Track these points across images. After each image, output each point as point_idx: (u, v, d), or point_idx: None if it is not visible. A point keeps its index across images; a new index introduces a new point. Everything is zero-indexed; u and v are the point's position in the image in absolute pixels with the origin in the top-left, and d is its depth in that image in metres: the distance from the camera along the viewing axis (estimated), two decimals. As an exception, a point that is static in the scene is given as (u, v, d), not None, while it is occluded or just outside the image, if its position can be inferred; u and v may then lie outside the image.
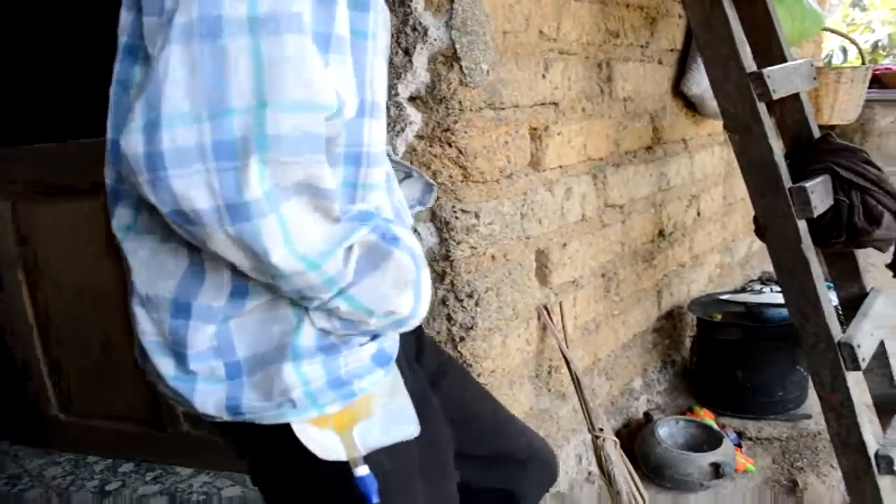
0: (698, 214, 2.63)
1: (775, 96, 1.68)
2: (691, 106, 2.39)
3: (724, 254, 2.97)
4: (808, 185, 1.69)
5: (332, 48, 0.69)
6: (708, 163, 2.65)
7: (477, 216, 1.55)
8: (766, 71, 1.67)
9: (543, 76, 1.69)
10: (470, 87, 1.48)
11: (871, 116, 3.19)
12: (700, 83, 2.25)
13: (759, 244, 3.11)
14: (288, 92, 0.62)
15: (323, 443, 0.77)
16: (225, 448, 0.91)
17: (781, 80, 1.73)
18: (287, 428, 0.76)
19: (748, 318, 2.32)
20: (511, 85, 1.59)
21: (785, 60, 1.88)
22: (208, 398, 0.76)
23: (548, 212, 1.76)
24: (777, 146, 1.71)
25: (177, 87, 0.61)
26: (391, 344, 0.82)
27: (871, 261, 2.59)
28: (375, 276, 0.73)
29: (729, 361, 2.32)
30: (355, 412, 0.78)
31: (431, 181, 1.07)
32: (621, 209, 2.10)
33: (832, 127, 3.20)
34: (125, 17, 0.73)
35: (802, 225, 1.73)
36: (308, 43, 0.64)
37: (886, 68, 3.39)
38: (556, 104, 1.75)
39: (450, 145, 1.50)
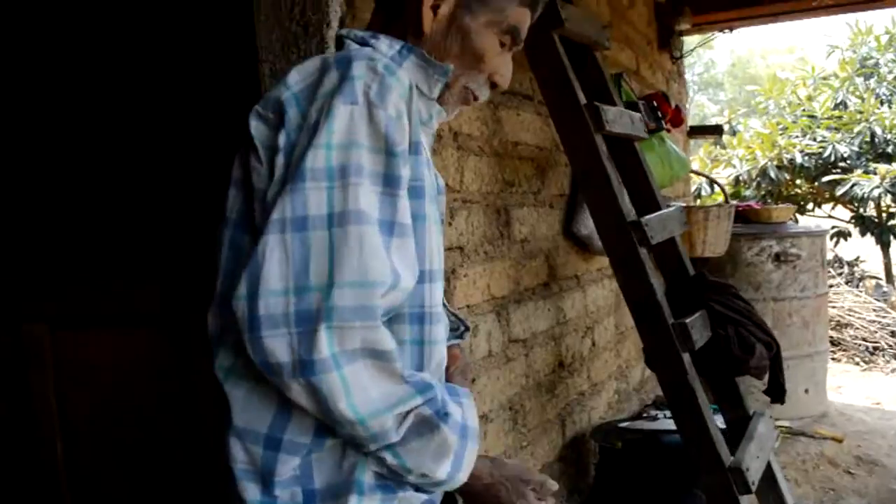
0: (594, 344, 2.86)
1: (653, 241, 1.96)
2: (581, 244, 2.67)
3: (620, 380, 3.20)
4: (688, 321, 1.94)
5: (395, 233, 0.87)
6: (599, 295, 2.92)
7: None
8: (644, 219, 1.95)
9: (450, 224, 1.89)
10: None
11: (739, 249, 3.63)
12: (588, 224, 2.54)
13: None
14: (348, 272, 0.81)
15: None
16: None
17: (658, 226, 2.01)
18: None
19: (646, 445, 2.50)
20: (420, 233, 1.76)
21: (659, 206, 2.19)
22: None
23: (457, 350, 1.90)
24: (658, 285, 1.96)
25: (272, 268, 0.81)
26: (437, 497, 0.96)
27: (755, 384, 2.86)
28: (420, 443, 0.87)
29: (631, 488, 2.47)
30: None
31: (469, 326, 1.26)
32: (524, 343, 2.28)
33: (705, 260, 3.62)
34: (233, 195, 0.94)
35: (686, 358, 1.96)
36: (368, 231, 0.83)
37: (748, 205, 3.91)
38: (461, 248, 1.94)
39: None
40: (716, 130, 4.17)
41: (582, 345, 2.75)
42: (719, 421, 2.47)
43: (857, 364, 6.00)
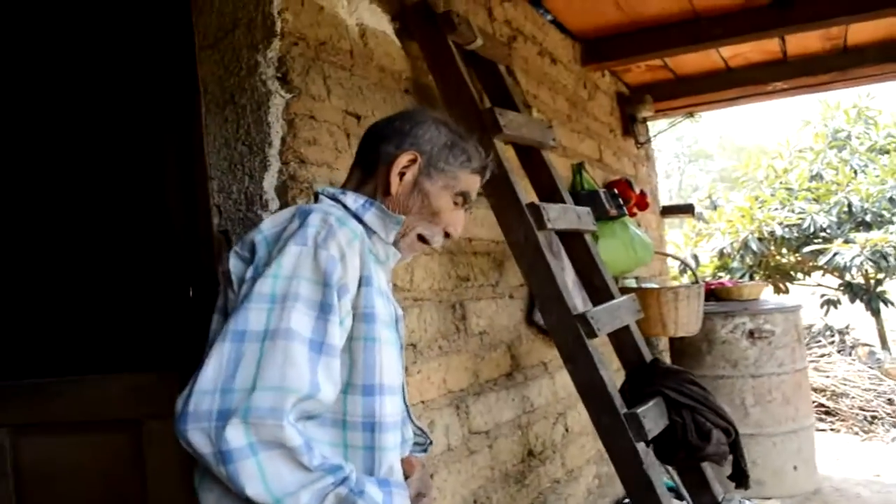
0: (567, 430, 2.85)
1: (600, 334, 1.99)
2: (545, 332, 2.70)
3: (600, 464, 3.15)
4: (640, 410, 1.95)
5: (323, 352, 1.01)
6: (570, 381, 2.92)
7: (340, 460, 1.67)
8: (590, 312, 1.99)
9: (399, 323, 1.93)
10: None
11: (713, 327, 3.64)
12: (550, 313, 2.57)
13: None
14: (269, 378, 0.96)
15: None
16: None
17: (605, 317, 2.05)
18: None
19: (619, 534, 2.46)
20: (368, 335, 1.80)
21: (612, 296, 2.23)
22: None
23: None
24: (608, 376, 1.98)
25: (207, 372, 0.97)
26: None
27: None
28: None
29: (607, 581, 2.41)
30: None
31: (432, 441, 1.39)
32: (487, 435, 2.28)
33: (681, 339, 3.62)
34: (216, 319, 1.11)
35: (641, 447, 1.96)
36: (293, 346, 0.98)
37: (720, 283, 3.95)
38: (414, 345, 1.97)
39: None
40: (687, 209, 4.27)
41: (554, 431, 2.74)
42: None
43: (857, 434, 5.88)
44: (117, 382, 1.91)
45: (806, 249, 6.24)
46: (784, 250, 6.73)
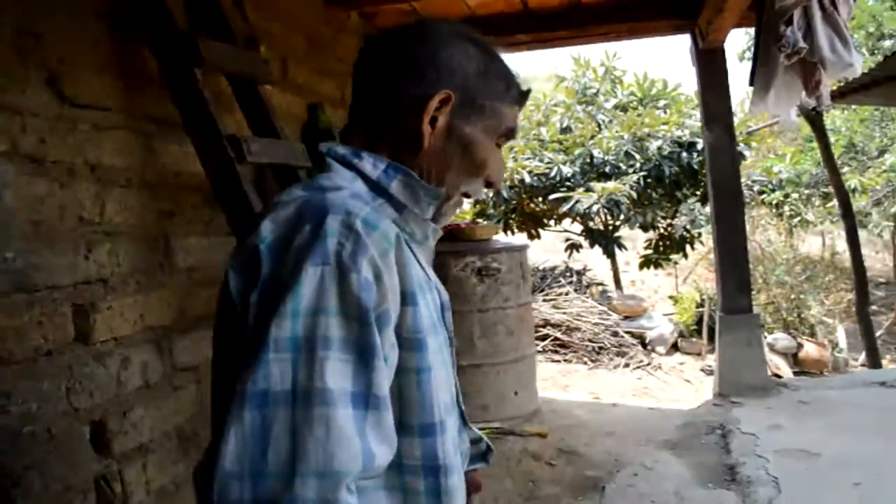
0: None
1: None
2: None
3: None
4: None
5: (370, 406, 0.83)
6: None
7: (8, 396, 1.66)
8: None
9: (87, 257, 1.92)
10: (-8, 275, 1.64)
11: (446, 264, 4.01)
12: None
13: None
14: (313, 461, 0.78)
15: None
16: None
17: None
18: None
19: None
20: (45, 268, 1.78)
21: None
22: None
23: (100, 383, 1.93)
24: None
25: (229, 448, 0.78)
26: None
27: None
28: None
29: None
30: None
31: (492, 446, 1.21)
32: (196, 370, 2.35)
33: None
34: (218, 349, 0.95)
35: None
36: (335, 414, 0.79)
37: (456, 225, 4.32)
38: (104, 280, 1.98)
39: (-28, 331, 1.62)
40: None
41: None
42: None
43: (586, 364, 6.80)
44: None
45: (552, 197, 6.96)
46: (537, 198, 7.44)
